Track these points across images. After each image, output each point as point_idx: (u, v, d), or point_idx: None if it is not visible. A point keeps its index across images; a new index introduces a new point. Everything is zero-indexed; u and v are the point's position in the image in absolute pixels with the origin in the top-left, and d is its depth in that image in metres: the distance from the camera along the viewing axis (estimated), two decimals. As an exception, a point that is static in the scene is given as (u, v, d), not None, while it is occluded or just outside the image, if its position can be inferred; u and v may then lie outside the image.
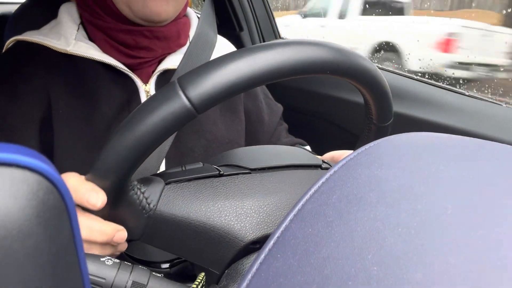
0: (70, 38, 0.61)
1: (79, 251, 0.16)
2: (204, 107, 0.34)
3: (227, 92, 0.34)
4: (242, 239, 0.38)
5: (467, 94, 0.90)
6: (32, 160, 0.14)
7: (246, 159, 0.46)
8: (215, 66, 0.34)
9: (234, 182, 0.42)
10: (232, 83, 0.34)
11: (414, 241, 0.20)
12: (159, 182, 0.39)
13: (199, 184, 0.41)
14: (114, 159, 0.34)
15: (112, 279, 0.33)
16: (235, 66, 0.34)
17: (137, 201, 0.38)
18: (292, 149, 0.53)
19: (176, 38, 0.65)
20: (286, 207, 0.42)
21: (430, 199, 0.22)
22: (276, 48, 0.36)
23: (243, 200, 0.41)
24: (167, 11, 0.58)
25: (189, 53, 0.63)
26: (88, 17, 0.62)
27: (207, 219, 0.39)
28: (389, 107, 0.49)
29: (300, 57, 0.36)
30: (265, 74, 0.35)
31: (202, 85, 0.33)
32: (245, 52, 0.35)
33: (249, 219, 0.39)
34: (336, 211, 0.23)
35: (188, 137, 0.64)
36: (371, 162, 0.27)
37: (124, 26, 0.60)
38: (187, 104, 0.33)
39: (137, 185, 0.38)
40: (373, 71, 0.43)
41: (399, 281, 0.18)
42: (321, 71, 0.39)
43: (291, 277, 0.20)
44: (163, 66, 0.63)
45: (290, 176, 0.46)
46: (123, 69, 0.60)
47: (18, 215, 0.13)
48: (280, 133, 0.79)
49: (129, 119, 0.34)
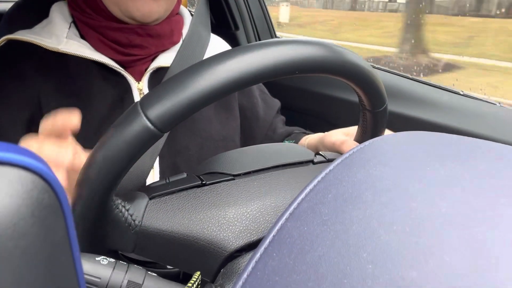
0: (61, 37, 0.60)
1: (74, 250, 0.16)
2: (167, 126, 0.34)
3: (188, 109, 0.33)
4: (225, 249, 0.39)
5: (462, 93, 0.90)
6: (26, 159, 0.14)
7: (229, 164, 0.46)
8: (173, 85, 0.34)
9: (216, 191, 0.42)
10: (192, 100, 0.33)
11: (409, 239, 0.20)
12: (143, 198, 0.40)
13: (182, 196, 0.41)
14: (88, 183, 0.35)
15: (107, 279, 0.33)
16: (193, 83, 0.33)
17: (123, 219, 0.38)
18: (280, 147, 0.52)
19: (169, 36, 0.65)
20: (270, 212, 0.41)
21: (425, 197, 0.23)
22: (236, 56, 0.35)
23: (226, 209, 0.40)
24: (158, 11, 0.58)
25: (183, 50, 0.63)
26: (79, 16, 0.61)
27: (189, 231, 0.39)
28: (378, 93, 0.47)
29: (263, 62, 0.35)
30: (226, 87, 0.34)
31: (162, 105, 0.33)
32: (202, 66, 0.34)
33: (232, 227, 0.39)
34: (332, 209, 0.23)
35: (183, 135, 0.64)
36: (366, 161, 0.28)
37: (116, 25, 0.60)
38: (149, 125, 0.33)
39: (121, 203, 0.39)
40: (349, 61, 0.41)
41: (394, 279, 0.18)
42: (290, 73, 0.37)
43: (287, 275, 0.20)
44: (156, 64, 0.63)
45: (276, 178, 0.45)
46: (115, 67, 0.60)
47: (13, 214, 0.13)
48: (276, 125, 0.79)
49: (98, 143, 0.34)
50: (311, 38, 0.42)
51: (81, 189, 0.35)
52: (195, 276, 0.35)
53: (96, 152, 0.34)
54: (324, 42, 0.40)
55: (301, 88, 1.18)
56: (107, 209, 0.37)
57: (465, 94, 0.90)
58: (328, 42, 0.41)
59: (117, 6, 0.57)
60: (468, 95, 0.90)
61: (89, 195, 0.35)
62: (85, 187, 0.35)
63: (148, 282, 0.34)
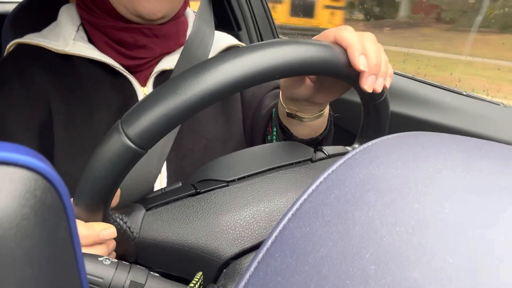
0: (69, 39, 0.60)
1: (77, 250, 0.16)
2: (148, 143, 0.34)
3: (166, 125, 0.33)
4: (220, 257, 0.39)
5: (465, 93, 0.90)
6: (30, 159, 0.14)
7: (223, 170, 0.45)
8: (151, 101, 0.34)
9: (210, 199, 0.42)
10: (169, 116, 0.33)
11: (412, 240, 0.20)
12: (140, 210, 0.41)
13: (176, 206, 0.41)
14: (80, 202, 0.35)
15: (110, 279, 0.33)
16: (170, 98, 0.33)
17: (122, 231, 0.39)
18: (276, 147, 0.51)
19: (175, 37, 0.65)
20: (264, 217, 0.41)
21: (428, 198, 0.23)
22: (210, 69, 0.34)
23: (219, 217, 0.41)
24: (162, 9, 0.58)
25: (185, 52, 0.63)
26: (87, 17, 0.62)
27: (184, 241, 0.39)
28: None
29: (238, 71, 0.34)
30: (202, 100, 0.34)
31: (140, 123, 0.33)
32: (178, 82, 0.34)
33: (225, 235, 0.40)
34: (334, 210, 0.23)
35: (188, 138, 0.64)
36: (369, 161, 0.27)
37: (122, 24, 0.60)
38: (130, 144, 0.33)
39: (119, 216, 0.40)
40: (328, 60, 0.39)
41: (397, 280, 0.18)
42: (270, 78, 0.36)
43: (289, 276, 0.20)
44: (160, 67, 0.63)
45: (271, 181, 0.45)
46: (121, 69, 0.60)
47: (16, 214, 0.13)
48: (263, 102, 0.73)
49: (87, 163, 0.35)
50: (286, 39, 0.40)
51: (76, 209, 0.36)
52: (197, 276, 0.35)
53: (84, 172, 0.34)
54: (292, 41, 0.38)
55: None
56: (106, 222, 0.38)
57: (468, 94, 0.90)
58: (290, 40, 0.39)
59: (123, 4, 0.57)
60: (471, 95, 0.89)
61: (83, 217, 0.36)
62: (77, 207, 0.36)
63: (151, 282, 0.34)
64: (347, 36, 0.42)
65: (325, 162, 0.51)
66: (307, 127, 0.60)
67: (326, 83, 0.51)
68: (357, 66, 0.41)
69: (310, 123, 0.59)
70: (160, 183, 0.60)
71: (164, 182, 0.61)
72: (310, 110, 0.57)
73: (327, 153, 0.52)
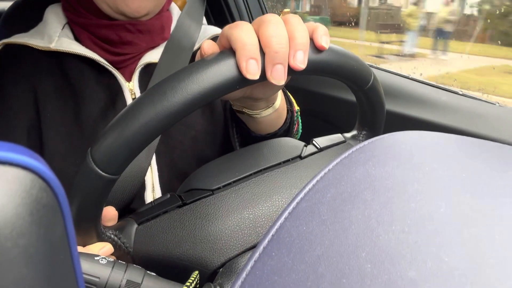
0: (54, 36, 0.61)
1: (73, 249, 0.16)
2: (117, 169, 0.33)
3: (129, 150, 0.33)
4: (207, 267, 0.39)
5: (460, 93, 0.91)
6: (25, 158, 0.14)
7: (208, 179, 0.45)
8: (115, 126, 0.33)
9: (196, 209, 0.42)
10: (130, 141, 0.33)
11: (408, 239, 0.20)
12: (132, 224, 0.41)
13: (165, 219, 0.42)
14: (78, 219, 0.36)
15: (106, 278, 0.33)
16: (129, 125, 0.32)
17: (117, 247, 0.40)
18: (261, 148, 0.50)
19: (160, 32, 0.65)
20: (248, 225, 0.41)
21: (424, 197, 0.23)
22: (165, 91, 0.33)
23: (204, 227, 0.41)
24: (146, 7, 0.59)
25: (169, 44, 0.63)
26: (72, 17, 0.62)
27: (171, 253, 0.40)
28: (357, 73, 0.42)
29: (201, 85, 0.33)
30: (161, 123, 0.33)
31: (105, 150, 0.33)
32: (135, 106, 0.33)
33: (211, 245, 0.40)
34: (331, 209, 0.23)
35: (177, 130, 0.64)
36: (365, 160, 0.28)
37: (106, 22, 0.60)
38: (101, 172, 0.33)
39: (113, 232, 0.40)
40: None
41: (393, 278, 0.18)
42: (232, 89, 0.35)
43: (286, 275, 0.20)
44: (145, 61, 0.63)
45: (256, 186, 0.45)
46: (107, 64, 0.60)
47: (11, 213, 0.13)
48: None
49: (68, 195, 0.35)
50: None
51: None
52: (193, 275, 0.35)
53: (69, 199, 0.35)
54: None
55: (301, 88, 1.18)
56: (101, 240, 0.39)
57: (464, 94, 0.90)
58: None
59: (106, 3, 0.58)
60: (467, 95, 0.90)
61: (78, 242, 0.37)
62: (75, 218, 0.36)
63: (147, 282, 0.34)
64: (234, 37, 0.36)
65: (315, 157, 0.50)
66: (260, 123, 0.58)
67: None
68: (246, 76, 0.35)
69: (262, 119, 0.57)
70: (151, 177, 0.61)
71: (155, 176, 0.61)
72: (257, 106, 0.54)
73: (319, 146, 0.51)
